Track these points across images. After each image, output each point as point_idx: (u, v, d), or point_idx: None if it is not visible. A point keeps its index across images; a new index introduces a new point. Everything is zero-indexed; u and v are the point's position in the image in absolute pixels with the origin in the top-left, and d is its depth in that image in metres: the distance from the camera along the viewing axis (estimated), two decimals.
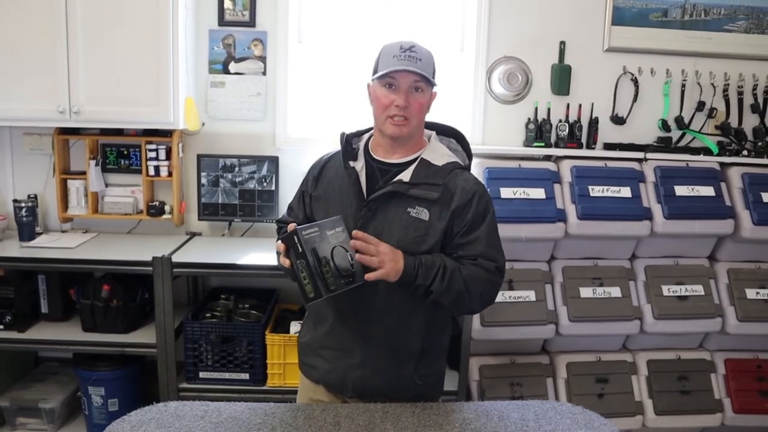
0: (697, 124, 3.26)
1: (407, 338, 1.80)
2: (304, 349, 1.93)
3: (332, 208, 1.79)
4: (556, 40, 3.19)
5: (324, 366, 1.85)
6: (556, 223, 2.85)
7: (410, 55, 1.69)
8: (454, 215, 1.73)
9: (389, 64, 1.69)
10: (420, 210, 1.72)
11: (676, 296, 2.99)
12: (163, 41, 2.80)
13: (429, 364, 1.87)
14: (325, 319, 1.84)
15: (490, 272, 1.75)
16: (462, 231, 1.74)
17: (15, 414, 2.96)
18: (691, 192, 2.96)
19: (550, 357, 3.06)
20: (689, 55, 3.23)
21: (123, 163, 3.16)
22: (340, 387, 1.83)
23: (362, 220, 1.74)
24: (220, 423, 1.61)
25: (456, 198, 1.73)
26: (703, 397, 3.02)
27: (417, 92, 1.71)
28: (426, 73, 1.70)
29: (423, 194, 1.72)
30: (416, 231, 1.72)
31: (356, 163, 1.80)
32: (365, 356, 1.79)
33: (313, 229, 1.61)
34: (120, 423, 1.61)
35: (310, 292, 1.58)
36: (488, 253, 1.75)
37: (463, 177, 1.78)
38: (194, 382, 2.78)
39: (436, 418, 1.68)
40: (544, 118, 3.19)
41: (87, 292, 2.83)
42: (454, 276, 1.68)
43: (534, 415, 1.71)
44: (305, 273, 1.57)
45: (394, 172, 1.77)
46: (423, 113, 1.76)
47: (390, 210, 1.73)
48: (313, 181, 1.88)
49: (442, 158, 1.79)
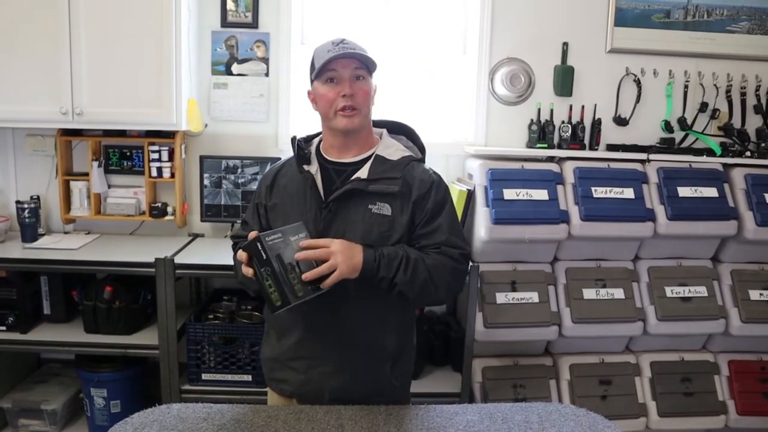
0: (700, 125, 3.26)
1: (383, 338, 1.79)
2: (271, 365, 1.87)
3: (291, 214, 1.77)
4: (559, 41, 3.19)
5: (297, 378, 1.80)
6: (559, 225, 2.84)
7: (344, 46, 1.69)
8: (415, 206, 1.73)
9: (325, 58, 1.68)
10: (381, 205, 1.72)
11: (680, 297, 2.98)
12: (165, 42, 2.79)
13: (403, 364, 1.86)
14: (291, 329, 1.80)
15: (455, 259, 1.74)
16: (423, 221, 1.74)
17: (17, 415, 2.96)
18: (694, 193, 2.95)
19: (553, 358, 3.05)
20: (692, 56, 3.23)
21: (125, 164, 3.16)
22: (317, 397, 1.78)
23: (323, 223, 1.73)
24: (223, 425, 1.61)
25: (415, 189, 1.74)
26: (706, 398, 3.01)
27: (360, 81, 1.71)
28: (363, 58, 1.70)
29: (383, 189, 1.71)
30: (380, 227, 1.71)
31: (310, 167, 1.79)
32: (341, 362, 1.77)
33: (277, 235, 1.58)
34: (122, 425, 1.61)
35: (277, 300, 1.54)
36: (451, 240, 1.75)
37: (420, 168, 1.79)
38: (197, 384, 2.78)
39: (440, 420, 1.68)
40: (546, 120, 3.18)
41: (89, 293, 2.82)
42: (417, 266, 1.67)
43: (538, 418, 1.70)
44: (271, 281, 1.54)
45: (350, 172, 1.76)
46: (369, 102, 1.75)
47: (351, 209, 1.72)
48: (267, 192, 1.85)
49: (397, 153, 1.79)
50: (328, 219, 1.73)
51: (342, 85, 1.69)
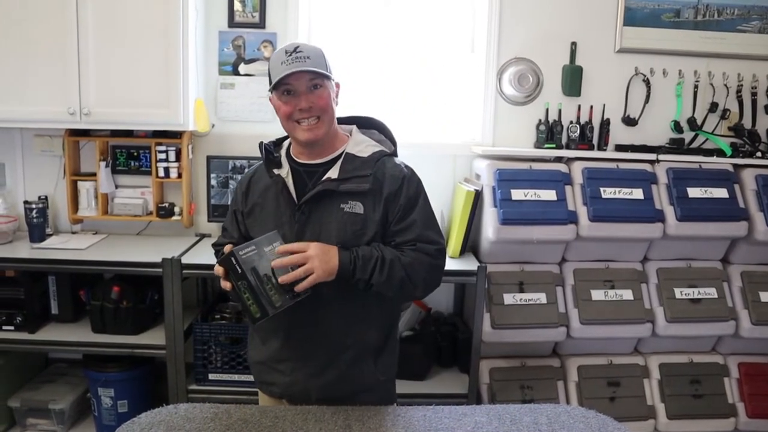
0: (710, 125, 3.23)
1: (364, 335, 1.78)
2: (258, 369, 1.88)
3: (266, 219, 1.77)
4: (567, 40, 3.17)
5: (283, 380, 1.80)
6: (567, 225, 2.82)
7: (297, 57, 1.65)
8: (387, 203, 1.72)
9: (279, 72, 1.65)
10: (353, 204, 1.71)
11: (689, 299, 2.96)
12: (173, 43, 2.80)
13: (387, 358, 1.85)
14: (275, 332, 1.79)
15: (431, 255, 1.73)
16: (397, 217, 1.72)
17: (25, 415, 2.96)
18: (704, 194, 2.93)
19: (561, 360, 3.04)
20: (702, 55, 3.20)
21: (133, 164, 3.17)
22: (304, 397, 1.78)
23: (298, 225, 1.72)
24: (230, 425, 1.60)
25: (386, 186, 1.72)
26: (716, 401, 2.99)
27: (317, 89, 1.68)
28: (318, 68, 1.66)
29: (354, 188, 1.70)
30: (353, 225, 1.70)
31: (281, 170, 1.78)
32: (326, 361, 1.76)
33: (251, 247, 1.58)
34: (130, 425, 1.61)
35: (256, 312, 1.55)
36: (426, 235, 1.73)
37: (391, 163, 1.77)
38: (203, 384, 2.78)
39: (448, 421, 1.66)
40: (555, 120, 3.17)
41: (97, 293, 2.83)
42: (393, 265, 1.66)
43: (547, 419, 1.69)
44: (248, 294, 1.54)
45: (321, 172, 1.74)
46: (330, 108, 1.72)
47: (324, 210, 1.71)
48: (242, 198, 1.85)
49: (368, 149, 1.77)
50: (302, 221, 1.72)
51: (298, 98, 1.67)
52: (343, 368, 1.77)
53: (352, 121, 1.87)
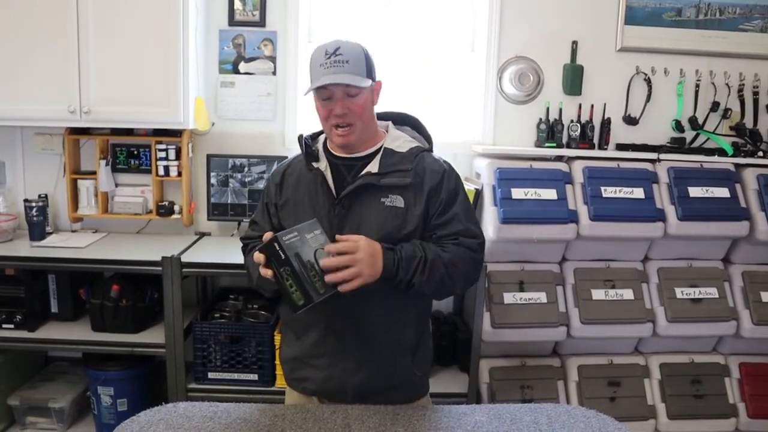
0: (711, 124, 3.22)
1: (401, 332, 1.78)
2: (292, 365, 1.86)
3: (301, 212, 1.76)
4: (568, 39, 3.17)
5: (319, 376, 1.79)
6: (567, 224, 2.81)
7: (336, 60, 1.64)
8: (429, 197, 1.72)
9: (317, 75, 1.65)
10: (394, 198, 1.71)
11: (690, 299, 2.95)
12: (173, 41, 2.79)
13: (423, 354, 1.85)
14: (311, 327, 1.78)
15: (473, 250, 1.74)
16: (438, 211, 1.73)
17: (25, 413, 2.96)
18: (705, 193, 2.92)
19: (561, 359, 3.03)
20: (703, 54, 3.20)
21: (133, 163, 3.16)
22: (340, 394, 1.78)
23: (337, 219, 1.72)
24: (229, 424, 1.60)
25: (427, 180, 1.73)
26: (717, 401, 2.98)
27: (352, 97, 1.67)
28: (356, 73, 1.65)
29: (395, 182, 1.71)
30: (394, 219, 1.70)
31: (319, 164, 1.78)
32: (363, 357, 1.76)
33: (293, 234, 1.56)
34: (129, 423, 1.60)
35: (299, 299, 1.52)
36: (468, 229, 1.74)
37: (430, 158, 1.79)
38: (203, 383, 2.77)
39: (448, 421, 1.66)
40: (555, 119, 3.16)
41: (97, 291, 2.83)
42: (435, 265, 1.66)
43: (547, 419, 1.68)
44: (291, 280, 1.52)
45: (359, 166, 1.75)
46: (366, 114, 1.72)
47: (364, 204, 1.71)
48: (276, 190, 1.84)
49: (405, 144, 1.78)
50: (342, 214, 1.72)
51: (334, 103, 1.67)
52: (381, 364, 1.77)
53: (387, 117, 1.87)
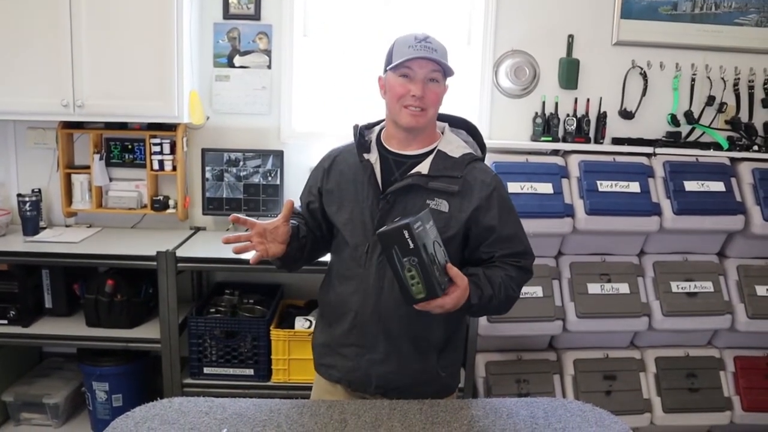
0: (707, 118, 3.22)
1: (431, 330, 1.78)
2: (321, 351, 1.88)
3: (346, 201, 1.77)
4: (564, 33, 3.15)
5: (345, 364, 1.81)
6: (564, 219, 2.82)
7: (426, 45, 1.67)
8: (478, 209, 1.71)
9: (405, 54, 1.66)
10: (439, 201, 1.71)
11: (685, 293, 2.96)
12: (167, 34, 2.77)
13: (450, 355, 1.85)
14: (343, 316, 1.80)
15: (530, 272, 1.81)
16: (497, 226, 1.71)
17: (19, 409, 2.95)
18: (701, 187, 2.93)
19: (557, 354, 3.03)
20: (699, 48, 3.19)
21: (127, 157, 3.14)
22: (364, 384, 1.80)
23: (380, 213, 1.71)
24: (224, 419, 1.59)
25: (476, 191, 1.71)
26: (712, 394, 2.99)
27: (433, 83, 1.69)
28: (442, 64, 1.68)
29: (443, 187, 1.70)
30: (437, 222, 1.67)
31: (370, 156, 1.77)
32: (389, 351, 1.77)
33: (418, 223, 1.50)
34: (124, 419, 1.59)
35: (419, 293, 1.50)
36: (528, 249, 1.80)
37: (481, 169, 1.77)
38: (198, 378, 2.77)
39: (444, 415, 1.65)
40: (551, 113, 3.15)
41: (91, 287, 2.81)
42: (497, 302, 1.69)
43: (543, 413, 1.68)
44: (416, 272, 1.48)
45: (410, 164, 1.74)
46: (438, 104, 1.73)
47: (409, 202, 1.71)
48: (324, 175, 1.84)
49: (458, 150, 1.76)
50: (386, 210, 1.71)
51: (415, 83, 1.67)
52: (405, 360, 1.77)
53: (444, 119, 1.86)
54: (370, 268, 1.72)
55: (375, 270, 1.72)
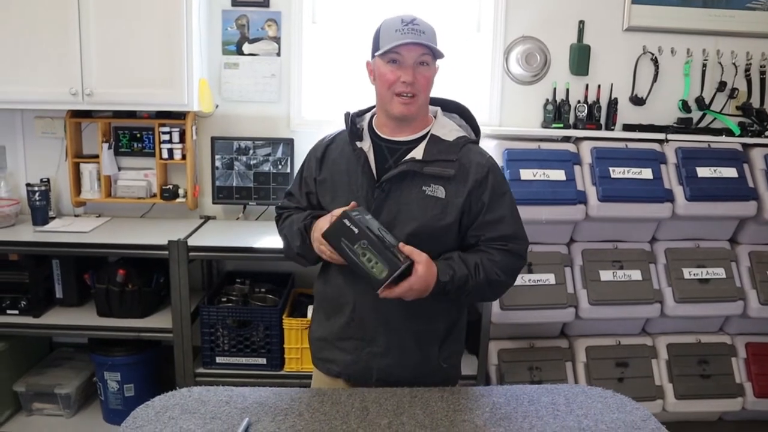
0: (718, 104, 3.20)
1: (430, 323, 1.77)
2: (319, 345, 1.86)
3: (340, 191, 1.74)
4: (575, 19, 3.13)
5: (345, 358, 1.79)
6: (576, 205, 2.80)
7: (413, 29, 1.62)
8: (472, 191, 1.69)
9: (392, 39, 1.62)
10: (435, 188, 1.68)
11: (697, 279, 2.95)
12: (176, 21, 2.74)
13: (451, 346, 1.84)
14: (341, 309, 1.78)
15: (521, 258, 1.74)
16: (485, 209, 1.69)
17: (31, 399, 2.95)
18: (713, 173, 2.91)
19: (569, 341, 3.03)
20: (711, 34, 3.16)
21: (136, 146, 3.12)
22: (364, 378, 1.77)
23: (375, 202, 1.69)
24: (245, 408, 1.58)
25: (472, 173, 1.69)
26: (723, 381, 2.99)
27: (423, 66, 1.65)
28: (432, 44, 1.64)
29: (439, 172, 1.67)
30: (434, 209, 1.67)
31: (363, 143, 1.74)
32: (390, 343, 1.75)
33: (356, 212, 1.55)
34: (144, 409, 1.58)
35: (381, 272, 1.51)
36: (517, 233, 1.73)
37: (476, 151, 1.74)
38: (211, 367, 2.76)
39: (466, 402, 1.65)
40: (562, 99, 3.13)
41: (102, 276, 2.80)
42: (482, 286, 1.67)
43: (564, 399, 1.67)
44: (370, 253, 1.50)
45: (403, 150, 1.71)
46: (429, 89, 1.70)
47: (404, 190, 1.68)
48: (317, 164, 1.81)
49: (452, 133, 1.74)
50: (381, 198, 1.69)
51: (404, 69, 1.63)
52: (406, 352, 1.76)
53: (436, 103, 1.83)
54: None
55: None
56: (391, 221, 1.67)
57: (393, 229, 1.65)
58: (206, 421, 1.52)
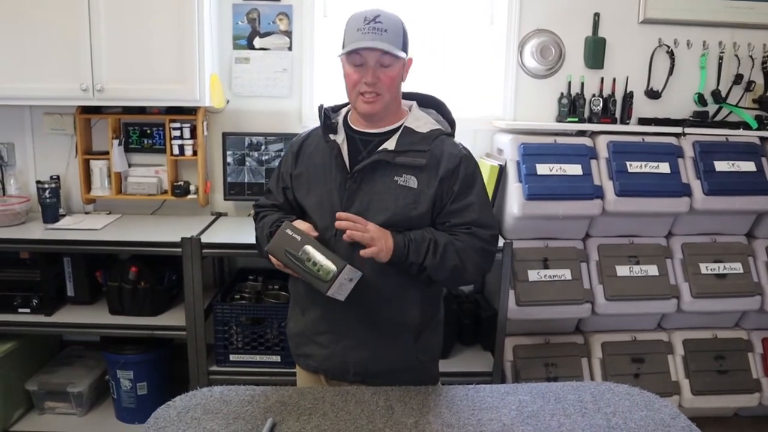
0: (734, 97, 3.17)
1: (404, 312, 1.75)
2: (297, 340, 1.86)
3: (315, 184, 1.74)
4: (590, 11, 3.09)
5: (321, 353, 1.78)
6: (593, 200, 2.77)
7: (375, 27, 1.60)
8: (443, 181, 1.69)
9: (354, 39, 1.61)
10: (408, 178, 1.68)
11: (714, 274, 2.92)
12: (187, 16, 2.71)
13: (428, 339, 1.82)
14: (314, 303, 1.77)
15: (485, 241, 1.71)
16: (453, 197, 1.69)
17: (43, 398, 2.93)
18: (731, 167, 2.87)
19: (584, 337, 3.00)
20: (727, 26, 3.12)
21: (146, 142, 3.09)
22: (341, 372, 1.77)
23: (348, 193, 1.69)
24: (268, 408, 1.56)
25: (443, 163, 1.69)
26: (740, 376, 2.97)
27: (385, 67, 1.64)
28: (393, 44, 1.61)
29: (410, 161, 1.68)
30: (406, 199, 1.67)
31: (337, 136, 1.75)
32: (364, 336, 1.74)
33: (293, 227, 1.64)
34: (165, 409, 1.56)
35: (327, 273, 1.55)
36: (482, 219, 1.71)
37: (449, 142, 1.75)
38: (224, 365, 2.73)
39: (491, 400, 1.62)
40: (577, 93, 3.10)
41: (114, 274, 2.77)
42: (447, 250, 1.64)
43: (591, 397, 1.65)
44: (315, 258, 1.55)
45: (376, 142, 1.72)
46: (395, 87, 1.69)
47: (377, 180, 1.68)
48: (293, 159, 1.81)
49: (426, 125, 1.74)
50: (353, 189, 1.69)
51: (366, 70, 1.63)
52: (381, 344, 1.74)
53: (413, 97, 1.83)
54: (339, 251, 1.66)
55: (344, 253, 1.65)
56: (364, 212, 1.66)
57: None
58: (229, 422, 1.50)
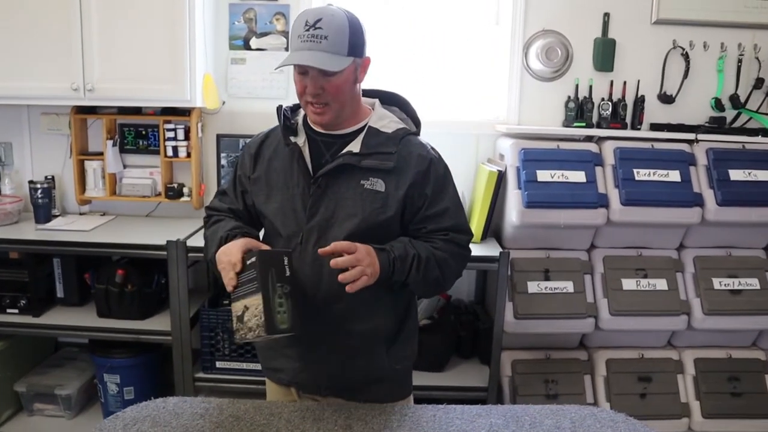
0: (755, 103, 2.99)
1: (376, 321, 1.65)
2: (266, 354, 1.77)
3: (275, 189, 1.64)
4: (600, 11, 2.95)
5: (292, 366, 1.69)
6: (597, 209, 2.63)
7: (314, 35, 1.48)
8: (414, 184, 1.60)
9: (293, 47, 1.51)
10: (374, 181, 1.59)
11: (729, 290, 2.75)
12: (179, 15, 2.66)
13: (403, 347, 1.73)
14: None
15: (463, 246, 1.67)
16: (428, 202, 1.61)
17: (32, 400, 2.90)
18: (747, 176, 2.71)
19: (588, 353, 2.86)
20: (747, 27, 2.95)
21: (141, 143, 3.05)
22: (314, 386, 1.69)
23: (312, 199, 1.59)
24: (220, 423, 1.48)
25: (412, 165, 1.60)
26: (756, 400, 2.78)
27: (328, 76, 1.51)
28: (333, 51, 1.49)
29: (377, 165, 1.58)
30: (373, 203, 1.58)
31: (297, 138, 1.64)
32: (334, 346, 1.65)
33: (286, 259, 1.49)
34: (113, 420, 1.49)
35: (283, 323, 1.39)
36: (459, 225, 1.65)
37: (417, 142, 1.66)
38: (211, 372, 2.68)
39: (459, 423, 1.51)
40: (585, 96, 2.96)
41: (101, 276, 2.74)
42: (429, 264, 1.57)
43: (570, 423, 1.52)
44: (284, 301, 1.40)
45: (340, 144, 1.61)
46: (343, 94, 1.55)
47: (342, 185, 1.59)
48: (251, 162, 1.70)
49: (391, 124, 1.65)
50: (318, 195, 1.59)
51: (309, 80, 1.52)
52: (352, 355, 1.66)
53: (374, 95, 1.74)
54: (306, 258, 1.57)
55: (311, 261, 1.57)
56: (329, 219, 1.57)
57: (332, 227, 1.57)
58: None
